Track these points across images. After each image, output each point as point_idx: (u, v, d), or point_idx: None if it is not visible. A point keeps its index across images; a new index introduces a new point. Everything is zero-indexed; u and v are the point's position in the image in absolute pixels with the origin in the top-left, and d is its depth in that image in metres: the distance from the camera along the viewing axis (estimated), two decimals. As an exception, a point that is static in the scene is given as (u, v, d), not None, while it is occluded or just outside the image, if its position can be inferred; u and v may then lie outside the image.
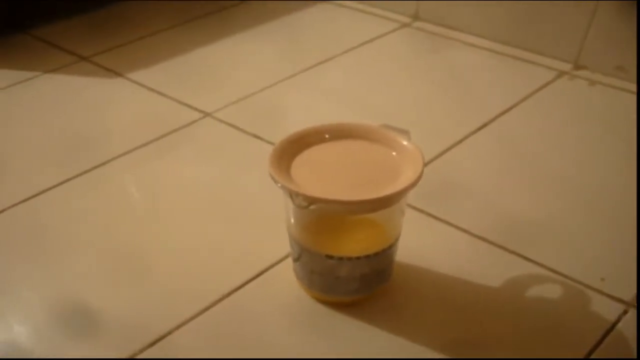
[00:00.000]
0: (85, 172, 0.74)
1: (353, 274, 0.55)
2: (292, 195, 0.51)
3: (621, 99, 0.88)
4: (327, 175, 0.54)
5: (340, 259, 0.54)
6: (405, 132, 0.57)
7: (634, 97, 0.88)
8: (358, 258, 0.54)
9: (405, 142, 0.56)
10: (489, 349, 0.55)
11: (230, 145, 0.79)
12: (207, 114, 0.83)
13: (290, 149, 0.55)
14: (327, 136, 0.57)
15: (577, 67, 0.95)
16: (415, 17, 1.07)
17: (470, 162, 0.76)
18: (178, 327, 0.57)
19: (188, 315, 0.57)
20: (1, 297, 0.60)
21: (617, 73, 0.92)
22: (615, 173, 0.75)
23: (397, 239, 0.57)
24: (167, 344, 0.55)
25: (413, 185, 0.52)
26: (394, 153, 0.56)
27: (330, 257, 0.54)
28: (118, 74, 0.92)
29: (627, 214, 0.69)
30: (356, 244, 0.55)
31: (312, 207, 0.51)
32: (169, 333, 0.56)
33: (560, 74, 0.93)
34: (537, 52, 0.97)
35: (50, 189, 0.71)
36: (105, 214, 0.69)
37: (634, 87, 0.89)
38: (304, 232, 0.55)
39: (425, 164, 0.55)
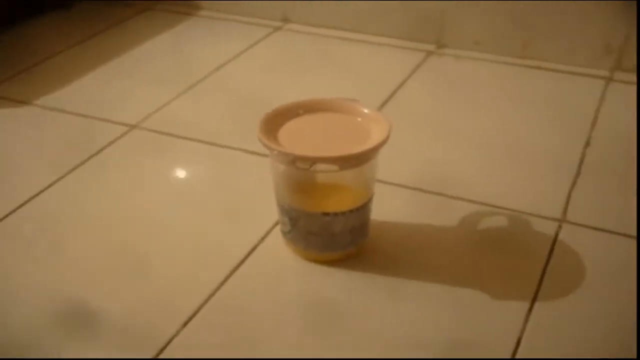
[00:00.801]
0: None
1: (345, 227, 0.62)
2: (295, 159, 0.57)
3: (485, 66, 1.02)
4: (312, 141, 0.61)
5: (335, 214, 0.61)
6: (356, 101, 0.65)
7: (495, 65, 1.02)
8: (351, 211, 0.61)
9: (365, 110, 0.64)
10: (467, 276, 0.64)
11: (168, 148, 0.82)
12: (132, 126, 0.86)
13: (272, 124, 0.61)
14: (300, 111, 0.63)
15: (440, 46, 1.07)
16: (285, 20, 1.15)
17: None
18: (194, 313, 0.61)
19: (199, 302, 0.62)
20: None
21: (475, 47, 1.05)
22: (500, 121, 0.88)
23: (373, 195, 0.64)
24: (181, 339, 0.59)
25: (387, 137, 0.60)
26: (359, 119, 0.63)
27: (326, 214, 0.61)
28: (23, 102, 0.91)
29: (520, 150, 0.82)
30: (342, 200, 0.62)
31: (311, 168, 0.57)
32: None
33: (429, 53, 1.05)
34: (402, 37, 1.09)
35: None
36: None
37: (492, 57, 1.03)
38: (299, 195, 0.61)
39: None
